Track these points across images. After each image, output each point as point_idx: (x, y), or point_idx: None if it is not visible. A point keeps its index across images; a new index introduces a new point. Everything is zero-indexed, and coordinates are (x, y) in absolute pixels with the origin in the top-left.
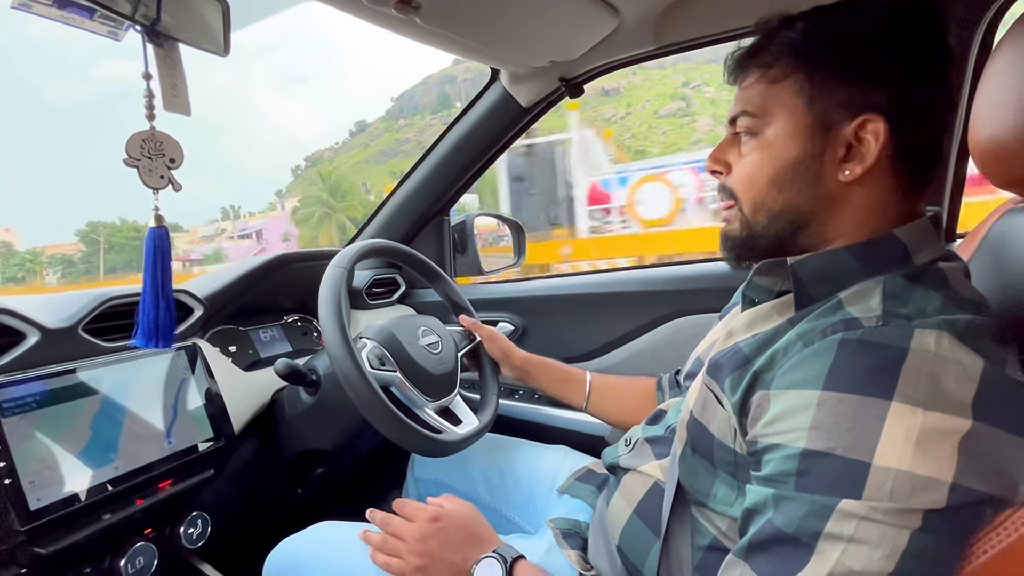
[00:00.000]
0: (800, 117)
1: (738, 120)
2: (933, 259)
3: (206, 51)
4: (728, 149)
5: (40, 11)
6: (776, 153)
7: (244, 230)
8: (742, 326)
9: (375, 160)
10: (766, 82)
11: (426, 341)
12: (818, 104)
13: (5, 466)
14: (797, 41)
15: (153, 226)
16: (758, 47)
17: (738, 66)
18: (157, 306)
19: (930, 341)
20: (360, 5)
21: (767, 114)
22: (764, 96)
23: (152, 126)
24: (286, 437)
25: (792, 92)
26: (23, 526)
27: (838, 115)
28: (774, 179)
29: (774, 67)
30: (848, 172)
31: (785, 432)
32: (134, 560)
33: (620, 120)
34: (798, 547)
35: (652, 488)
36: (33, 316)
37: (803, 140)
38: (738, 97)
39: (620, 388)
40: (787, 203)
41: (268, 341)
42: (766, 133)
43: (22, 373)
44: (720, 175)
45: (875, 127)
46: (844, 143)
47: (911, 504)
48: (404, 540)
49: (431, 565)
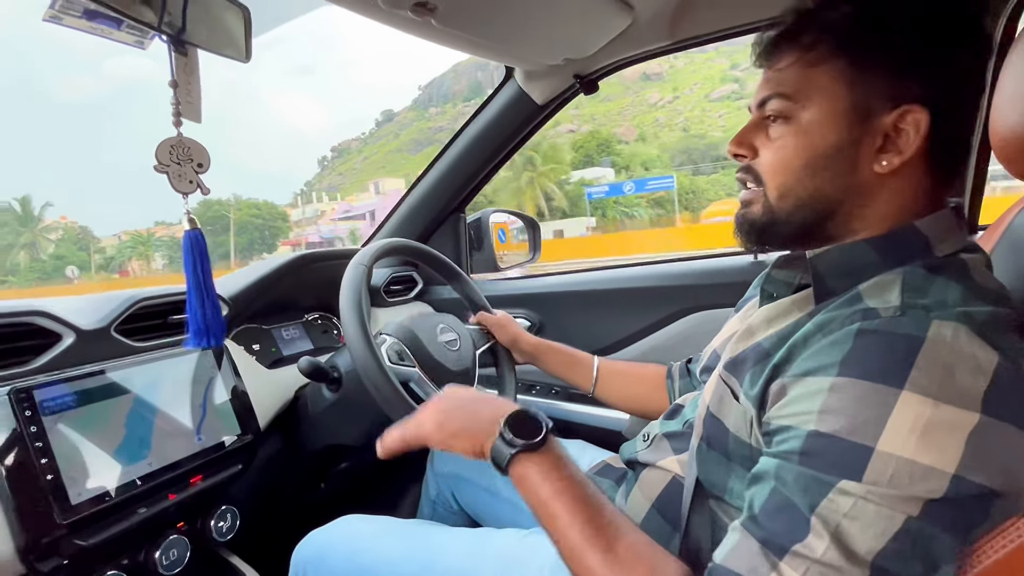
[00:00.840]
0: (838, 103)
1: (768, 103)
2: (955, 250)
3: (228, 57)
4: (755, 132)
5: (71, 23)
6: (811, 139)
7: (348, 212)
8: (762, 322)
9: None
10: (803, 65)
11: (445, 338)
12: (858, 91)
13: (47, 463)
14: (840, 24)
15: (188, 229)
16: (797, 28)
17: (772, 47)
18: (203, 305)
19: (947, 332)
20: (376, 8)
21: (803, 98)
22: (801, 79)
23: (180, 132)
24: (309, 433)
25: (831, 77)
26: (65, 519)
27: (878, 103)
28: (807, 165)
29: (813, 50)
30: (885, 163)
31: (796, 415)
32: (168, 552)
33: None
34: (794, 515)
35: (671, 483)
36: (68, 318)
37: (840, 127)
38: (769, 79)
39: (628, 374)
40: (817, 191)
41: (290, 339)
42: (800, 118)
43: (60, 373)
44: (744, 158)
45: (916, 118)
46: (882, 133)
47: (910, 492)
48: (423, 411)
49: (448, 416)
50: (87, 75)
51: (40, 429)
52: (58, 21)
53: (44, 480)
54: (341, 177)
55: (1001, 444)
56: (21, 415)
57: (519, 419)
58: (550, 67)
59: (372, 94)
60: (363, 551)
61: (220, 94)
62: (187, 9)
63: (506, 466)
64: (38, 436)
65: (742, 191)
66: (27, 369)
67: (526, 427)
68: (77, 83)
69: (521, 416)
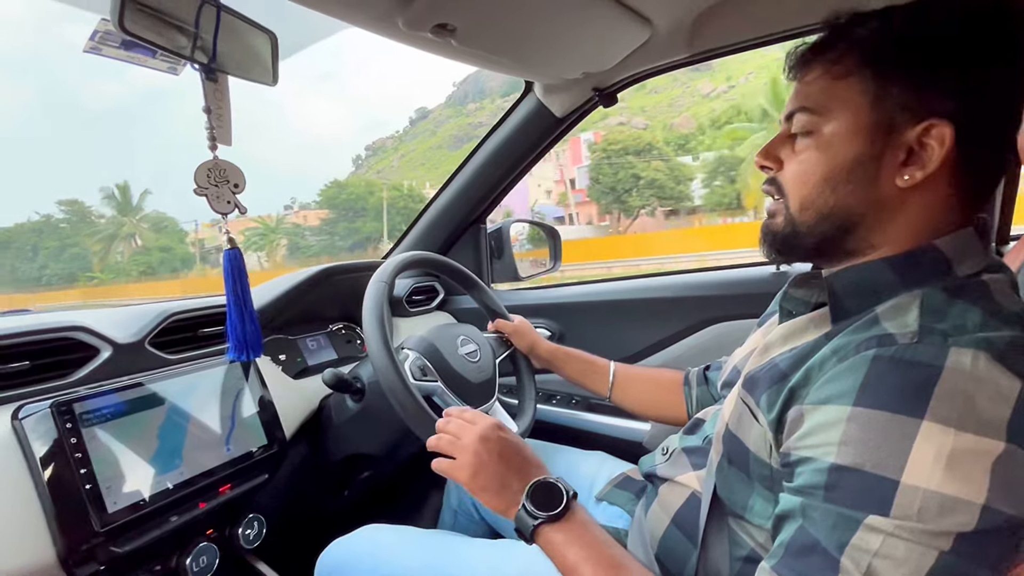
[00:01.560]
0: (862, 116)
1: (795, 116)
2: (977, 270)
3: (256, 82)
4: (781, 145)
5: (109, 53)
6: (833, 152)
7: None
8: (779, 339)
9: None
10: (829, 78)
11: (465, 350)
12: (883, 104)
13: (86, 472)
14: (867, 38)
15: (227, 248)
16: (825, 43)
17: (801, 61)
18: (243, 320)
19: (966, 360)
20: (396, 30)
21: (827, 111)
22: (826, 93)
23: (215, 155)
24: (333, 442)
25: (856, 90)
26: (102, 527)
27: (903, 117)
28: (827, 178)
29: (839, 63)
30: (907, 177)
31: (816, 446)
32: (198, 559)
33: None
34: (825, 557)
35: (689, 498)
36: (106, 332)
37: (863, 140)
38: (797, 92)
39: (645, 379)
40: (838, 204)
41: (315, 349)
42: (824, 131)
43: (98, 386)
44: (770, 171)
45: (940, 132)
46: (906, 147)
47: (940, 526)
48: (461, 438)
49: (482, 468)
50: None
51: (79, 440)
52: (98, 52)
53: (83, 489)
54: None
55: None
56: (62, 427)
57: (541, 489)
58: (569, 80)
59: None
60: (384, 561)
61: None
62: (217, 38)
63: (530, 536)
64: (78, 447)
65: (768, 202)
66: (68, 382)
67: (549, 497)
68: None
69: (544, 486)
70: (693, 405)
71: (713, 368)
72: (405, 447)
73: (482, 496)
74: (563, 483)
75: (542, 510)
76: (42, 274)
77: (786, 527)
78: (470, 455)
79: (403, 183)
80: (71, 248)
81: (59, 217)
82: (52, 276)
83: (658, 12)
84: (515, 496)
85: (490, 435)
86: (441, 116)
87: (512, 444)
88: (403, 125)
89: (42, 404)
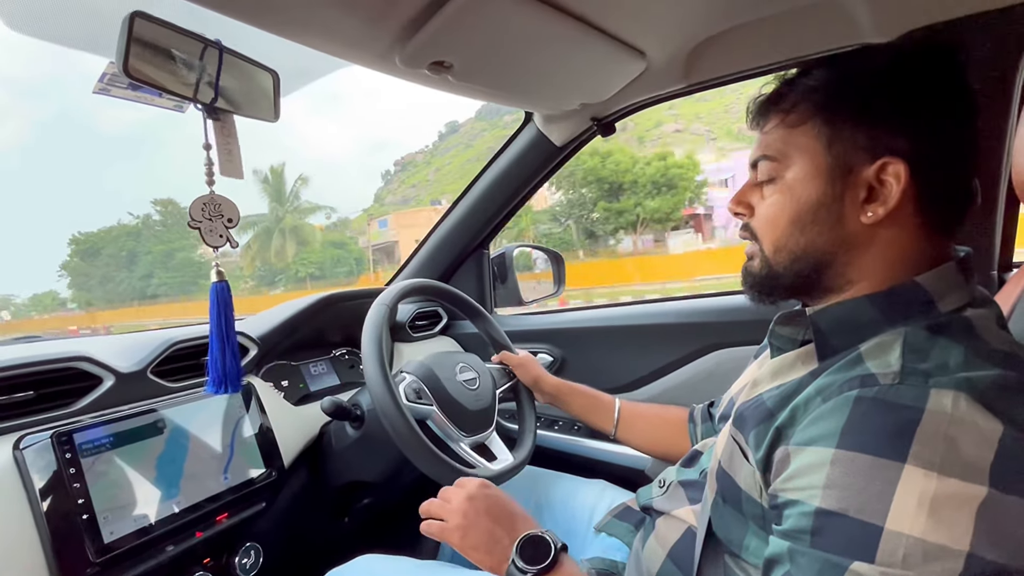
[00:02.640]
0: (819, 160)
1: (759, 164)
2: (961, 305)
3: (259, 119)
4: (750, 192)
5: (117, 94)
6: (796, 195)
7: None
8: (768, 375)
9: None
10: (785, 127)
11: (464, 377)
12: (837, 147)
13: (83, 503)
14: (815, 87)
15: (215, 281)
16: (778, 94)
17: (759, 112)
18: (224, 354)
19: (947, 402)
20: (395, 67)
21: (787, 158)
22: (784, 141)
23: (212, 190)
24: (333, 469)
25: (811, 136)
26: (98, 558)
27: (858, 158)
28: (795, 221)
29: (793, 112)
30: (871, 214)
31: (802, 489)
32: None
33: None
34: None
35: (685, 533)
36: (108, 361)
37: (822, 182)
38: (759, 142)
39: (650, 417)
40: (809, 244)
41: (317, 375)
42: (787, 177)
43: (98, 416)
44: (744, 216)
45: (896, 169)
46: (865, 185)
47: (925, 573)
48: (450, 501)
49: (471, 527)
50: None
51: (79, 471)
52: (107, 93)
53: (80, 520)
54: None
55: (1013, 518)
56: (62, 457)
57: (530, 544)
58: (567, 111)
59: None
60: None
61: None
62: (219, 79)
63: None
64: (76, 477)
65: (747, 247)
66: (70, 411)
67: (537, 551)
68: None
69: (532, 541)
70: (698, 442)
71: (717, 404)
72: (405, 474)
73: (473, 555)
74: (551, 536)
75: (531, 564)
76: (147, 284)
77: (775, 571)
78: (459, 516)
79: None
80: (180, 252)
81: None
82: (161, 286)
83: (652, 46)
84: (505, 552)
85: (476, 494)
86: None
87: (499, 501)
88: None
89: (43, 435)
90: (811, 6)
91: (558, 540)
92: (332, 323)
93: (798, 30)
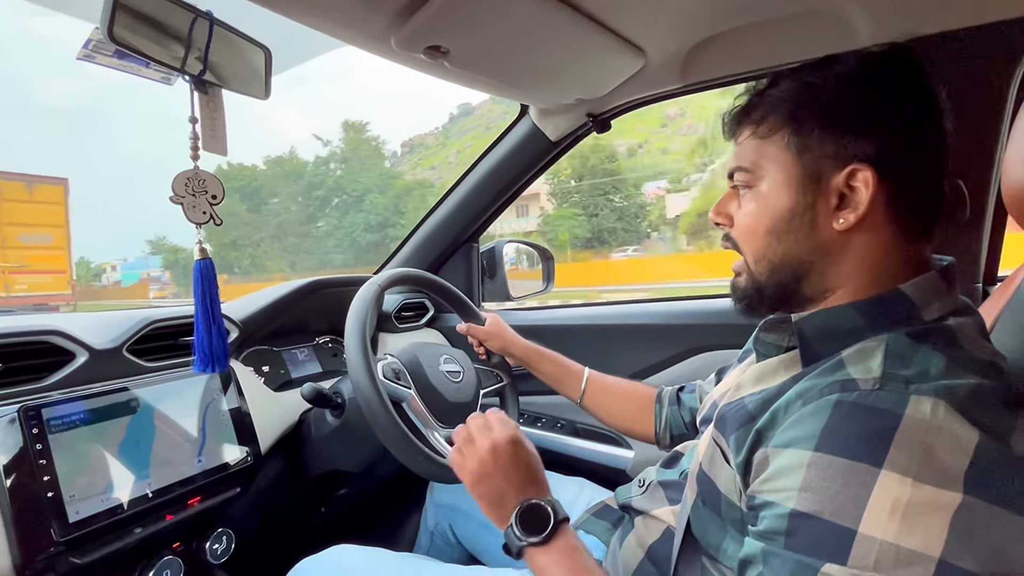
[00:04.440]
0: (790, 169)
1: (735, 175)
2: (943, 314)
3: (248, 95)
4: (729, 202)
5: (102, 61)
6: (770, 205)
7: None
8: (751, 379)
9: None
10: (757, 138)
11: (447, 368)
12: (806, 156)
13: (49, 480)
14: (782, 98)
15: (198, 258)
16: (750, 106)
17: (733, 123)
18: (210, 333)
19: (926, 409)
20: (390, 50)
21: (759, 168)
22: (756, 151)
23: (196, 165)
24: (311, 457)
25: (780, 146)
26: (62, 537)
27: (827, 166)
28: (771, 230)
29: (763, 123)
30: (843, 220)
31: (778, 491)
32: (162, 573)
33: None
34: None
35: (664, 534)
36: (82, 337)
37: (794, 191)
38: (734, 153)
39: (616, 391)
40: (786, 253)
41: (299, 362)
42: (760, 187)
43: (69, 392)
44: (724, 226)
45: (864, 176)
46: (836, 192)
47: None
48: (474, 441)
49: (485, 478)
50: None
51: (45, 447)
52: (91, 60)
53: (45, 497)
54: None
55: (987, 526)
56: (28, 432)
57: (530, 511)
58: (563, 106)
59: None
60: None
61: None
62: (209, 51)
63: (516, 555)
64: (43, 454)
65: (735, 263)
66: (40, 386)
67: (536, 520)
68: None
69: (533, 508)
70: (662, 424)
71: (687, 390)
72: (383, 466)
73: (480, 503)
74: (555, 506)
75: (528, 533)
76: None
77: (749, 572)
78: (477, 462)
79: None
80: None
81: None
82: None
83: (652, 43)
84: (509, 512)
85: (501, 447)
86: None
87: (521, 460)
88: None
89: (10, 408)
90: (812, 12)
91: (560, 511)
92: (317, 310)
93: (798, 35)
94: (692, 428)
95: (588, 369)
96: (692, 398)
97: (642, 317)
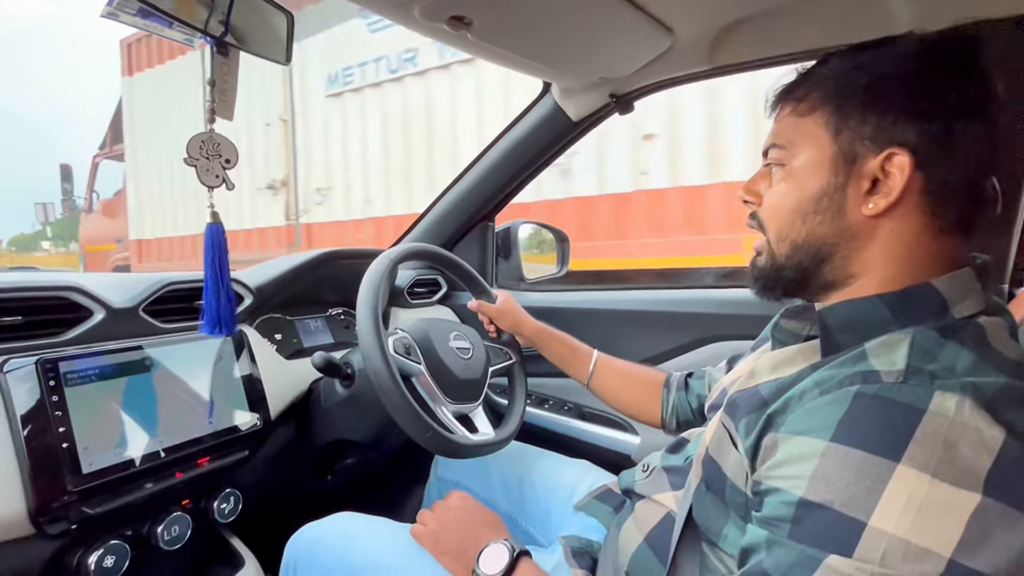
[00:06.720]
0: (825, 149)
1: (769, 152)
2: (974, 312)
3: (268, 59)
4: (760, 180)
5: (126, 20)
6: (800, 183)
7: None
8: (767, 367)
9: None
10: (796, 115)
11: (457, 344)
12: (844, 136)
13: (64, 431)
14: (828, 76)
15: (209, 222)
16: (794, 83)
17: (774, 101)
18: (218, 297)
19: (950, 405)
20: (413, 19)
21: (794, 146)
22: (793, 129)
23: (212, 128)
24: (320, 426)
25: (819, 124)
26: (75, 487)
27: (863, 148)
28: (797, 209)
29: (804, 101)
30: (872, 206)
31: (787, 478)
32: (170, 528)
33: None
34: None
35: (664, 519)
36: (100, 295)
37: (826, 171)
38: (771, 130)
39: (624, 374)
40: (810, 234)
41: (312, 332)
42: (793, 164)
43: (87, 347)
44: (752, 205)
45: (900, 161)
46: (870, 176)
47: (901, 572)
48: (434, 510)
49: (444, 534)
50: None
51: (61, 399)
52: (115, 18)
53: (60, 448)
54: None
55: (1004, 528)
56: (45, 384)
57: (491, 553)
58: (586, 84)
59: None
60: (353, 551)
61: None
62: (231, 13)
63: None
64: (59, 406)
65: (756, 242)
66: (58, 341)
67: (497, 557)
68: None
69: (493, 550)
70: (668, 410)
71: (696, 376)
72: (391, 437)
73: (443, 560)
74: (513, 543)
75: (489, 570)
76: None
77: (749, 559)
78: (434, 523)
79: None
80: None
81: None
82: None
83: (681, 22)
84: (470, 561)
85: (452, 504)
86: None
87: (472, 510)
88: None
89: (28, 359)
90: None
91: (518, 547)
92: (330, 280)
93: (832, 19)
94: (699, 415)
95: (597, 352)
96: (700, 384)
97: (655, 304)
